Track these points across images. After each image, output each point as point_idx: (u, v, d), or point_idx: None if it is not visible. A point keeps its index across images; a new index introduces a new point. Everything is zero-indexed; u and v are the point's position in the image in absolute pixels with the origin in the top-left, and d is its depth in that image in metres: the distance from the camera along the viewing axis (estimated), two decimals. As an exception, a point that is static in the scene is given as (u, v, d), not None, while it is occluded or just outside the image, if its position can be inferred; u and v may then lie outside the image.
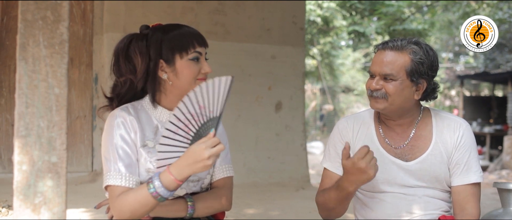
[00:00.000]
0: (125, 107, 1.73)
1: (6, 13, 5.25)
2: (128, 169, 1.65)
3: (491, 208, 2.31)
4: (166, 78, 1.72)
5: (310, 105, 20.84)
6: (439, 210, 1.99)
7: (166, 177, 1.53)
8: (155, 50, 1.70)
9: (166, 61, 1.70)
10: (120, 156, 1.66)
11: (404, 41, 1.93)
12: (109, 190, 1.64)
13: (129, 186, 1.63)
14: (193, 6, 5.63)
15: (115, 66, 1.76)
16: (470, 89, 20.42)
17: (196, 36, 1.72)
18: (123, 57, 1.73)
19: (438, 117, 2.03)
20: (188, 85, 1.71)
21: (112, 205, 1.62)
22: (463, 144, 1.97)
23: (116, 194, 1.62)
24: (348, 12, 13.97)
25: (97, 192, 4.87)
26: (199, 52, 1.72)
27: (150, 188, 1.54)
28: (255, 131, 5.89)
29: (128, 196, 1.59)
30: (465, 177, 1.96)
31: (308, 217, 4.13)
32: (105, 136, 1.69)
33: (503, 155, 12.03)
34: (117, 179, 1.63)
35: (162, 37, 1.71)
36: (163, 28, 1.74)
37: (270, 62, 5.97)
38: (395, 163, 1.98)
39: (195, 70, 1.71)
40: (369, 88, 1.95)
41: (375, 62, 1.94)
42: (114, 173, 1.64)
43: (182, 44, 1.70)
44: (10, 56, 5.27)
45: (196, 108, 1.53)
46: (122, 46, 1.74)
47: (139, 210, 1.57)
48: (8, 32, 5.26)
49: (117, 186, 1.62)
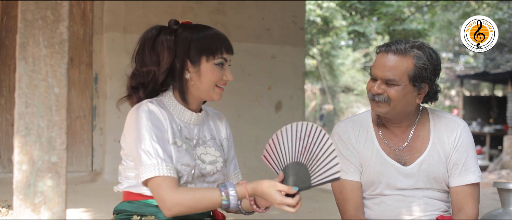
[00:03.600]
0: (152, 100, 1.71)
1: (6, 13, 5.25)
2: (170, 157, 1.64)
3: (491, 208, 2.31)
4: (189, 78, 1.72)
5: (310, 105, 20.84)
6: (437, 211, 1.99)
7: (242, 191, 1.60)
8: (183, 49, 1.70)
9: (191, 62, 1.70)
10: (161, 145, 1.62)
11: (407, 44, 1.89)
12: (155, 181, 1.59)
13: (175, 176, 1.61)
14: (193, 6, 5.63)
15: (138, 55, 1.74)
16: (470, 89, 20.41)
17: (225, 42, 1.73)
18: (148, 47, 1.72)
19: (436, 117, 2.02)
20: (207, 90, 1.72)
21: (166, 196, 1.57)
22: (461, 144, 1.96)
23: (166, 185, 1.58)
24: (348, 12, 13.96)
25: (97, 191, 4.87)
26: (225, 58, 1.73)
27: (223, 198, 1.58)
28: (255, 130, 5.89)
29: (195, 193, 1.59)
30: (464, 177, 1.95)
31: (308, 217, 4.13)
32: (136, 127, 1.63)
33: (503, 154, 12.03)
34: (164, 169, 1.59)
35: (191, 37, 1.70)
36: (193, 27, 1.74)
37: (270, 62, 5.97)
38: (394, 167, 1.97)
39: (218, 75, 1.72)
40: (370, 91, 1.92)
41: (377, 65, 1.91)
42: (160, 164, 1.59)
43: (210, 47, 1.70)
44: (10, 56, 5.27)
45: (310, 148, 1.59)
46: (150, 37, 1.73)
47: (199, 209, 1.60)
48: (8, 32, 5.25)
49: (167, 176, 1.59)
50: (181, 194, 1.58)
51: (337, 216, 2.33)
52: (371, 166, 1.96)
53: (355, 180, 2.00)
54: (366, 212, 2.04)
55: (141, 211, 1.71)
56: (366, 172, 1.99)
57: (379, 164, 1.97)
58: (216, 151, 1.80)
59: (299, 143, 1.63)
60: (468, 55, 20.33)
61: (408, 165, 1.97)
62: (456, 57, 21.63)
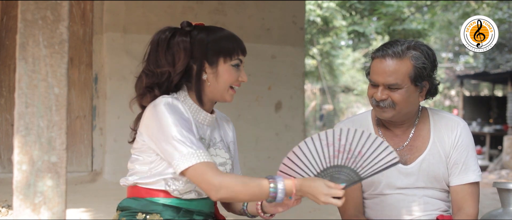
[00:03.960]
0: (172, 95, 1.71)
1: (6, 13, 5.25)
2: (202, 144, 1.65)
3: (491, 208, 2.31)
4: (205, 79, 1.73)
5: (310, 105, 20.84)
6: (438, 210, 1.99)
7: (290, 185, 1.59)
8: (200, 50, 1.71)
9: (209, 63, 1.72)
10: (191, 134, 1.62)
11: (403, 46, 1.88)
12: (197, 168, 1.57)
13: (213, 161, 1.62)
14: (193, 6, 5.63)
15: (151, 56, 1.74)
16: (470, 89, 20.42)
17: (240, 44, 1.76)
18: (163, 49, 1.72)
19: (436, 116, 2.02)
20: (222, 91, 1.75)
21: (213, 179, 1.56)
22: (461, 143, 1.97)
23: (210, 169, 1.57)
24: (348, 12, 13.96)
25: (97, 191, 4.88)
26: (241, 59, 1.76)
27: (271, 186, 1.58)
28: (255, 130, 5.89)
29: (243, 179, 1.59)
30: (464, 176, 1.95)
31: (308, 217, 4.13)
32: (162, 121, 1.62)
33: (503, 155, 12.03)
34: (202, 156, 1.59)
35: (208, 38, 1.72)
36: (207, 29, 1.75)
37: (270, 62, 5.97)
38: (395, 167, 1.97)
39: (234, 76, 1.75)
40: (373, 98, 1.92)
41: (376, 71, 1.89)
42: (197, 151, 1.58)
43: (228, 49, 1.72)
44: (10, 56, 5.27)
45: (346, 148, 1.63)
46: (164, 38, 1.73)
47: (245, 196, 1.60)
48: (8, 32, 5.25)
49: (208, 162, 1.58)
50: (228, 177, 1.59)
51: (337, 216, 2.33)
52: None
53: None
54: (367, 212, 2.04)
55: (146, 209, 1.71)
56: None
57: None
58: (226, 153, 1.82)
59: (328, 149, 1.66)
60: (468, 55, 20.33)
61: (408, 164, 1.97)
62: (456, 57, 21.64)
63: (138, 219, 1.70)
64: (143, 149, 1.71)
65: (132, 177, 1.75)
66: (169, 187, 1.70)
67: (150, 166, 1.70)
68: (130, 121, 1.84)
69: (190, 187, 1.71)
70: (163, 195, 1.71)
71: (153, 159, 1.70)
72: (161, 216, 1.69)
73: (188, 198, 1.73)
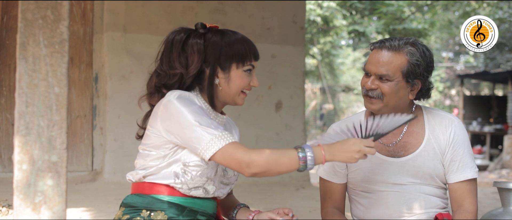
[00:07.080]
0: (184, 91, 1.72)
1: (6, 12, 5.25)
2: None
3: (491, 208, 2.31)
4: (217, 83, 1.74)
5: (310, 105, 20.85)
6: (435, 208, 1.99)
7: (318, 151, 1.61)
8: (214, 54, 1.72)
9: (222, 68, 1.73)
10: (212, 121, 1.63)
11: (401, 41, 1.92)
12: (226, 150, 1.58)
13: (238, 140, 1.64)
14: (194, 5, 5.62)
15: (165, 56, 1.75)
16: (470, 88, 20.42)
17: (254, 49, 1.77)
18: (178, 50, 1.72)
19: (430, 114, 2.04)
20: (233, 95, 1.76)
21: (245, 157, 1.58)
22: (457, 140, 1.98)
23: (239, 148, 1.59)
24: (348, 11, 13.96)
25: (97, 191, 4.88)
26: (253, 65, 1.76)
27: (300, 151, 1.59)
28: (255, 130, 5.89)
29: (272, 152, 1.60)
30: (462, 173, 1.96)
31: (308, 216, 4.13)
32: (181, 112, 1.62)
33: (503, 154, 12.03)
34: (229, 137, 1.60)
35: (221, 43, 1.72)
36: (222, 33, 1.75)
37: (270, 62, 5.97)
38: (387, 162, 1.98)
39: (246, 81, 1.76)
40: (364, 86, 1.96)
41: (371, 61, 1.94)
42: (223, 133, 1.60)
43: (241, 54, 1.73)
44: (10, 55, 5.27)
45: (374, 126, 1.70)
46: (179, 39, 1.73)
47: (277, 169, 1.60)
48: (8, 31, 5.25)
49: (236, 142, 1.61)
50: (257, 152, 1.60)
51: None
52: (364, 163, 1.97)
53: (332, 181, 2.08)
54: (362, 211, 2.05)
55: (150, 206, 1.71)
56: (360, 170, 2.01)
57: (372, 162, 1.98)
58: None
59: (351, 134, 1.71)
60: (469, 55, 20.33)
61: (402, 157, 1.98)
62: (456, 56, 21.64)
63: (142, 216, 1.70)
64: (158, 143, 1.70)
65: (142, 171, 1.74)
66: (178, 179, 1.69)
67: (163, 160, 1.70)
68: (130, 120, 1.85)
69: (199, 182, 1.70)
70: (168, 191, 1.71)
71: (167, 152, 1.70)
72: (165, 214, 1.69)
73: (194, 196, 1.73)
